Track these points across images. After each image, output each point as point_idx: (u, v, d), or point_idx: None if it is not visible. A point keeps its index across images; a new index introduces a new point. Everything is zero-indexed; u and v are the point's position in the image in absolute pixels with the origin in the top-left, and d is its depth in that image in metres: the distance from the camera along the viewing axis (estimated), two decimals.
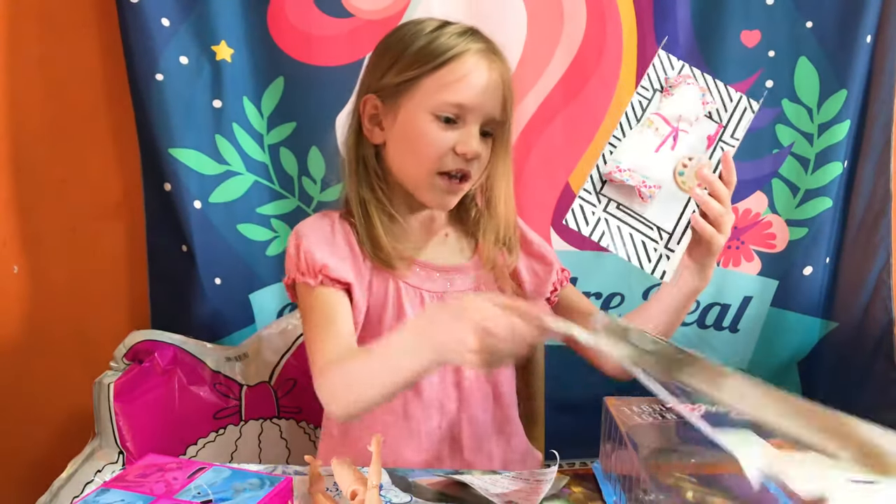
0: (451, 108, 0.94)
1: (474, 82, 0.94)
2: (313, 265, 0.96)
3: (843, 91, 1.46)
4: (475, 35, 0.97)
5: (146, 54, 1.32)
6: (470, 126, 0.95)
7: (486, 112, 0.96)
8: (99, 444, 1.23)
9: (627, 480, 0.76)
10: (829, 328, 1.58)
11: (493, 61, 0.96)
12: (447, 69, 0.94)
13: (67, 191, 1.44)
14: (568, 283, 1.15)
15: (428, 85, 0.95)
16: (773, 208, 1.54)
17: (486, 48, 0.96)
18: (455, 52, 0.94)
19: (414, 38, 0.97)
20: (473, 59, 0.94)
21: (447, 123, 0.95)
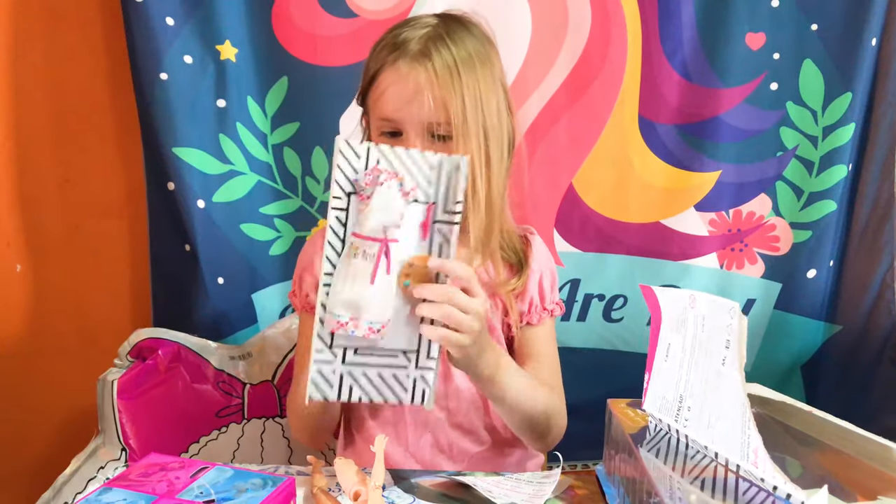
0: (382, 123, 0.94)
1: (393, 95, 0.92)
2: (302, 289, 1.04)
3: (848, 94, 1.46)
4: (401, 44, 0.93)
5: (150, 54, 1.32)
6: (411, 137, 0.92)
7: (419, 120, 0.91)
8: (102, 441, 1.23)
9: (631, 483, 0.76)
10: (832, 331, 1.57)
11: (414, 68, 0.91)
12: (374, 87, 0.95)
13: (71, 190, 1.44)
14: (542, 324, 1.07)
15: (369, 102, 0.97)
16: (777, 211, 1.54)
17: (408, 56, 0.91)
18: (374, 69, 0.94)
19: (369, 55, 0.98)
20: (389, 72, 0.93)
21: (392, 137, 0.94)
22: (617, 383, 1.23)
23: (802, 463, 0.74)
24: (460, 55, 0.92)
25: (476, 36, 0.97)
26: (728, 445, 0.68)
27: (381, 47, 0.95)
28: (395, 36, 0.94)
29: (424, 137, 0.92)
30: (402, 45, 0.93)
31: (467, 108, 0.91)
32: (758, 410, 0.69)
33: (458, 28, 0.96)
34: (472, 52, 0.94)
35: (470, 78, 0.92)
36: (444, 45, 0.92)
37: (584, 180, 1.51)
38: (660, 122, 1.49)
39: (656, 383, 0.80)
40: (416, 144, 0.91)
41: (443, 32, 0.94)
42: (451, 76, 0.91)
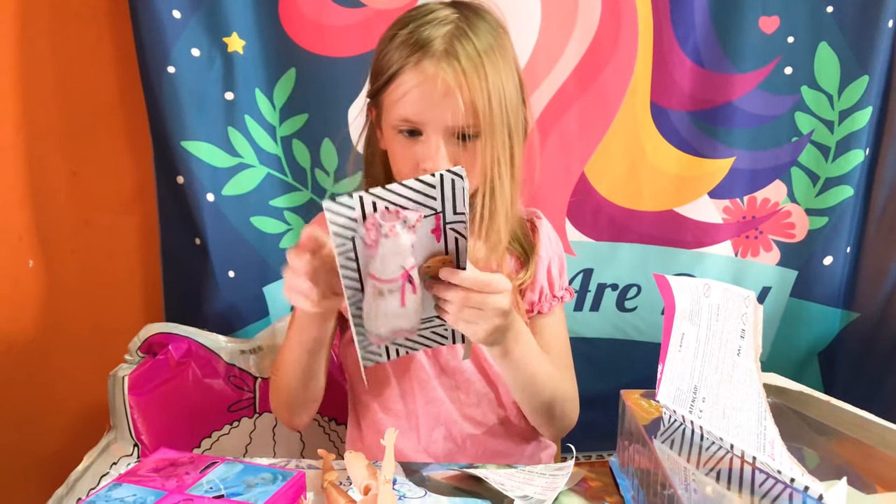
0: (402, 122, 0.92)
1: (417, 97, 0.89)
2: None
3: (865, 77, 1.43)
4: (424, 44, 0.89)
5: (158, 47, 1.31)
6: (431, 138, 0.90)
7: (442, 122, 0.90)
8: (114, 436, 1.24)
9: (645, 475, 0.75)
10: (849, 319, 1.56)
11: (441, 69, 0.88)
12: (392, 86, 0.91)
13: (80, 184, 1.44)
14: (552, 312, 1.06)
15: (385, 100, 0.94)
16: (793, 197, 1.52)
17: (433, 57, 0.89)
18: (393, 70, 0.91)
19: (378, 50, 0.96)
20: (411, 75, 0.89)
21: (411, 137, 0.92)
22: (630, 373, 1.23)
23: (820, 453, 0.73)
24: (485, 53, 0.90)
25: (493, 26, 0.94)
26: (744, 437, 0.67)
27: (398, 44, 0.91)
28: (414, 33, 0.91)
29: (447, 139, 0.91)
30: (425, 45, 0.89)
31: (494, 109, 0.90)
32: (774, 400, 0.68)
33: (477, 21, 0.93)
34: (493, 46, 0.91)
35: (494, 76, 0.90)
36: (470, 43, 0.89)
37: (595, 169, 1.50)
38: (672, 109, 1.48)
39: (670, 374, 0.79)
40: (436, 148, 0.90)
41: (465, 28, 0.91)
42: (478, 78, 0.88)
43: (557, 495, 0.78)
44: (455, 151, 0.91)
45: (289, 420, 1.06)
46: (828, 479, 0.60)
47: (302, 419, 1.05)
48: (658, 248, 1.53)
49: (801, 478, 0.61)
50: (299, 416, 1.05)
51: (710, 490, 0.65)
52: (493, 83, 0.89)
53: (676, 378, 0.78)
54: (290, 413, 1.05)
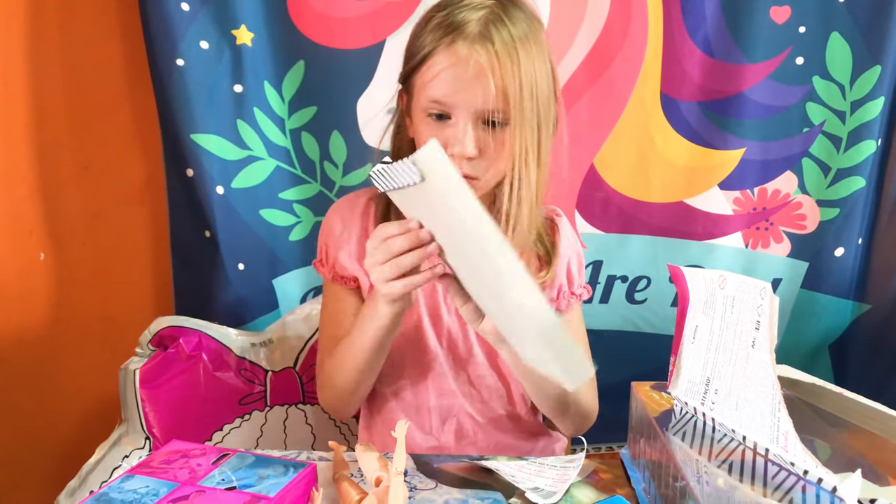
0: (432, 104, 0.90)
1: (449, 77, 0.88)
2: (328, 259, 1.03)
3: (877, 67, 1.42)
4: (459, 25, 0.88)
5: (166, 40, 1.31)
6: (460, 123, 0.89)
7: (472, 106, 0.88)
8: (126, 429, 1.24)
9: (656, 467, 0.75)
10: (861, 310, 1.55)
11: (475, 51, 0.86)
12: (424, 67, 0.90)
13: (91, 178, 1.44)
14: (570, 310, 1.07)
15: (416, 82, 0.92)
16: (804, 188, 1.51)
17: (468, 39, 0.87)
18: (426, 51, 0.90)
19: (413, 33, 0.95)
20: (444, 56, 0.88)
21: (440, 121, 0.91)
22: (640, 365, 1.23)
23: (832, 445, 0.73)
24: (519, 40, 0.88)
25: (528, 17, 0.93)
26: (757, 428, 0.67)
27: (433, 26, 0.90)
28: (450, 15, 0.90)
29: (475, 123, 0.89)
30: (459, 27, 0.88)
31: (524, 96, 0.88)
32: (786, 392, 0.68)
33: (514, 9, 0.91)
34: (528, 34, 0.90)
35: (528, 63, 0.88)
36: (505, 28, 0.88)
37: (605, 160, 1.49)
38: (682, 100, 1.47)
39: (682, 366, 0.79)
40: (465, 132, 0.89)
41: (501, 14, 0.89)
42: (511, 63, 0.87)
43: (568, 487, 0.78)
44: (483, 137, 0.90)
45: (342, 411, 1.06)
46: (840, 471, 0.60)
47: (354, 409, 1.07)
48: (668, 239, 1.53)
49: (814, 469, 0.60)
50: (354, 407, 1.06)
51: (723, 482, 0.64)
52: (525, 70, 0.88)
53: (689, 370, 0.77)
54: (346, 406, 1.05)
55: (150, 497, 0.69)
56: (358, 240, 1.02)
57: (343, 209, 1.05)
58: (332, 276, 1.03)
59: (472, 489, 0.79)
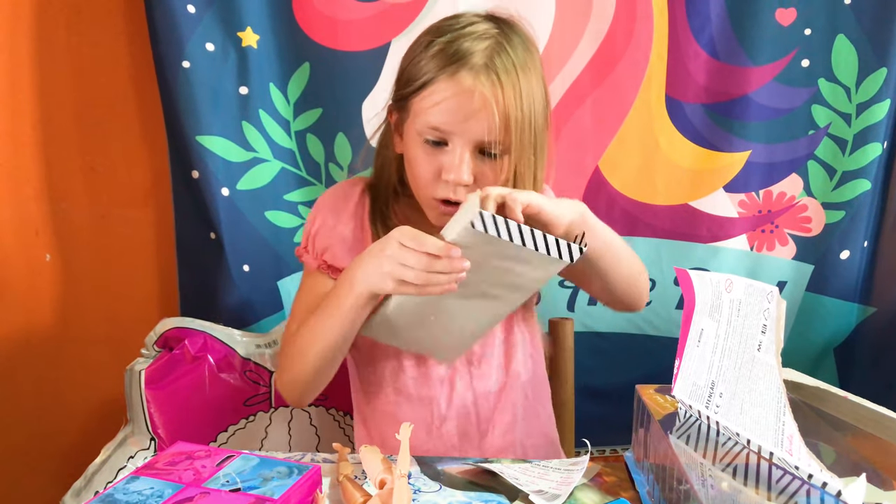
0: (430, 130, 0.91)
1: (451, 107, 0.89)
2: (315, 248, 1.03)
3: (883, 69, 1.42)
4: (463, 56, 0.89)
5: (172, 42, 1.31)
6: (457, 149, 0.90)
7: (471, 136, 0.90)
8: (131, 430, 1.24)
9: (660, 470, 0.75)
10: (866, 313, 1.55)
11: (480, 83, 0.88)
12: (426, 93, 0.91)
13: (97, 179, 1.45)
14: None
15: (413, 106, 0.93)
16: (809, 191, 1.51)
17: (472, 70, 0.88)
18: (428, 77, 0.90)
19: (410, 55, 0.95)
20: (447, 84, 0.89)
21: (436, 147, 0.92)
22: (645, 368, 1.23)
23: (837, 449, 0.73)
24: (522, 70, 0.90)
25: (526, 43, 0.94)
26: (761, 432, 0.67)
27: (435, 52, 0.91)
28: (454, 43, 0.90)
29: (472, 152, 0.91)
30: (464, 57, 0.89)
31: (525, 128, 0.90)
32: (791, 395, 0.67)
33: (514, 37, 0.92)
34: (528, 63, 0.91)
35: (528, 93, 0.90)
36: (509, 59, 0.89)
37: (610, 162, 1.49)
38: (687, 102, 1.47)
39: (687, 369, 0.78)
40: (461, 160, 0.90)
41: (504, 44, 0.90)
42: (514, 96, 0.88)
43: (572, 490, 0.78)
44: (479, 166, 0.92)
45: (299, 398, 1.03)
46: (845, 475, 0.60)
47: (311, 398, 1.04)
48: (672, 242, 1.52)
49: (819, 474, 0.60)
50: (312, 395, 1.03)
51: (727, 486, 0.64)
52: (526, 100, 0.89)
53: (693, 373, 0.77)
54: (304, 392, 1.02)
55: (155, 498, 0.69)
56: (353, 231, 1.02)
57: (338, 200, 1.05)
58: (319, 266, 1.02)
59: (475, 492, 0.79)
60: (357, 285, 0.87)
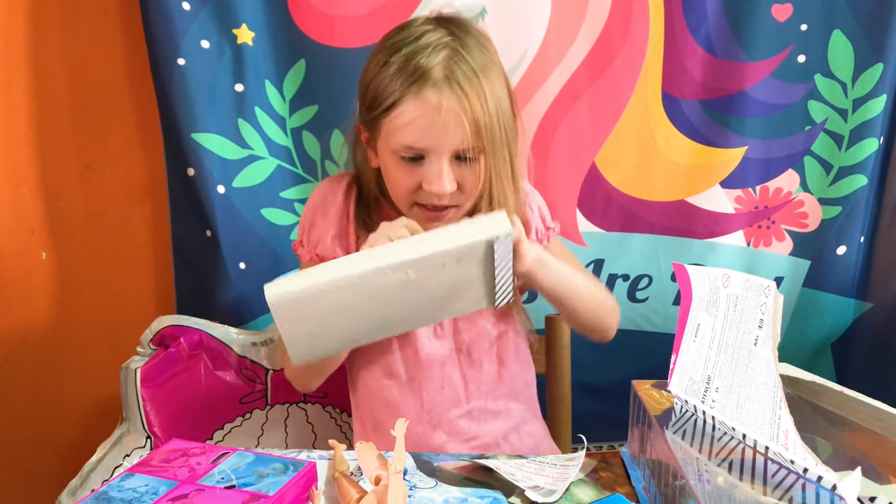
0: (405, 149, 0.93)
1: (421, 125, 0.90)
2: (308, 240, 1.05)
3: (880, 65, 1.42)
4: (423, 73, 0.90)
5: (167, 39, 1.31)
6: (434, 163, 0.92)
7: (447, 147, 0.91)
8: (127, 428, 1.24)
9: (656, 465, 0.75)
10: (863, 309, 1.55)
11: (444, 97, 0.89)
12: (393, 114, 0.92)
13: (93, 177, 1.44)
14: (550, 242, 1.12)
15: (383, 127, 0.94)
16: (806, 187, 1.51)
17: (434, 86, 0.89)
18: (392, 99, 0.91)
19: (369, 74, 0.95)
20: (413, 104, 0.90)
21: (413, 161, 0.93)
22: (642, 364, 1.23)
23: (833, 444, 0.73)
24: (481, 72, 0.91)
25: (480, 41, 0.95)
26: (757, 427, 0.67)
27: (394, 72, 0.91)
28: (411, 59, 0.90)
29: (450, 161, 0.93)
30: (424, 73, 0.89)
31: (494, 127, 0.91)
32: (787, 390, 0.67)
33: (468, 38, 0.93)
34: (486, 62, 0.92)
35: (492, 92, 0.91)
36: (467, 65, 0.90)
37: (606, 159, 1.49)
38: (684, 98, 1.46)
39: (683, 364, 0.78)
40: (440, 172, 0.92)
41: (459, 49, 0.91)
42: (479, 100, 0.90)
43: (569, 486, 0.78)
44: (458, 171, 0.94)
45: (307, 384, 1.09)
46: (841, 469, 0.60)
47: (319, 383, 1.09)
48: (669, 238, 1.52)
49: (814, 468, 0.60)
50: (319, 381, 1.08)
51: (722, 480, 0.64)
52: (491, 100, 0.91)
53: (690, 368, 0.77)
54: (312, 378, 1.08)
55: (150, 496, 0.69)
56: (338, 220, 1.04)
57: (327, 194, 1.07)
58: (311, 258, 1.04)
59: (471, 487, 0.79)
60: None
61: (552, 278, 0.98)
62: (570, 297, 1.02)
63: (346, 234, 1.04)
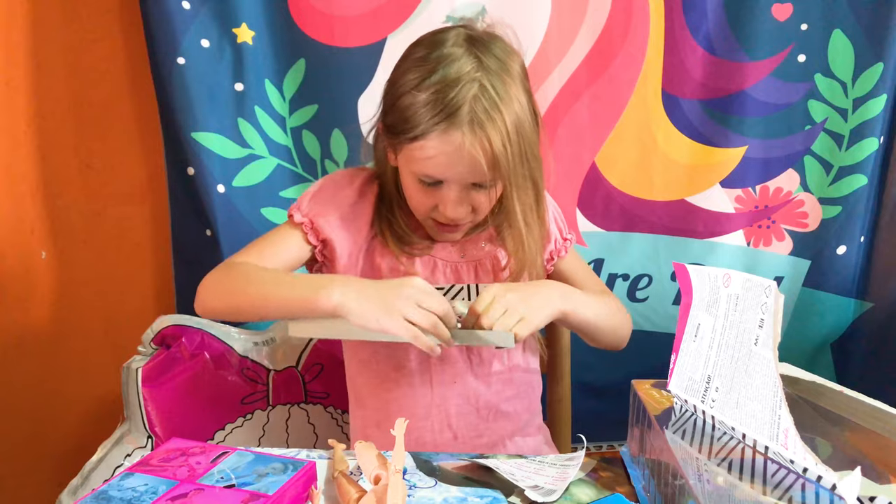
0: (424, 176, 0.95)
1: (442, 161, 0.92)
2: (310, 208, 1.03)
3: (880, 64, 1.42)
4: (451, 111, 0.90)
5: (167, 38, 1.31)
6: (452, 191, 0.95)
7: (466, 180, 0.94)
8: (128, 428, 1.24)
9: (656, 465, 0.75)
10: (863, 308, 1.55)
11: (467, 139, 0.90)
12: (417, 144, 0.92)
13: (93, 176, 1.45)
14: (568, 252, 1.15)
15: (406, 149, 0.95)
16: (806, 186, 1.51)
17: (462, 126, 0.90)
18: (417, 132, 0.91)
19: (400, 88, 0.94)
20: (438, 142, 0.91)
21: (430, 185, 0.96)
22: (642, 364, 1.23)
23: (833, 443, 0.72)
24: (505, 101, 0.91)
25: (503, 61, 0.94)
26: (757, 426, 0.67)
27: (425, 101, 0.91)
28: (441, 94, 0.90)
29: (467, 187, 0.95)
30: (453, 113, 0.90)
31: (517, 161, 0.93)
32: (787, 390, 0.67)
33: (491, 61, 0.92)
34: (509, 86, 0.92)
35: (514, 121, 0.91)
36: (492, 101, 0.90)
37: (607, 158, 1.49)
38: (684, 98, 1.46)
39: (683, 364, 0.78)
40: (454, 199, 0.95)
41: (485, 84, 0.91)
42: (503, 141, 0.90)
43: (568, 485, 0.78)
44: (475, 197, 0.97)
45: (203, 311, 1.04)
46: (841, 469, 0.60)
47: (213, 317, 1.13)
48: (669, 237, 1.52)
49: (814, 467, 0.60)
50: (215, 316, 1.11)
51: (722, 480, 0.64)
52: (513, 130, 0.91)
53: (689, 368, 0.77)
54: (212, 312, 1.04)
55: (149, 495, 0.69)
56: (353, 206, 1.04)
57: (345, 176, 1.07)
58: (303, 224, 1.02)
59: (471, 487, 0.79)
60: (335, 299, 0.88)
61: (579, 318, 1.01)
62: (591, 329, 1.05)
63: (359, 216, 1.04)
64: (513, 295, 0.92)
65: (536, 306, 0.94)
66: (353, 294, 0.88)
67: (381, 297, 0.87)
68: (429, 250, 1.05)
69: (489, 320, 0.89)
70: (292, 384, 1.32)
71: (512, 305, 0.91)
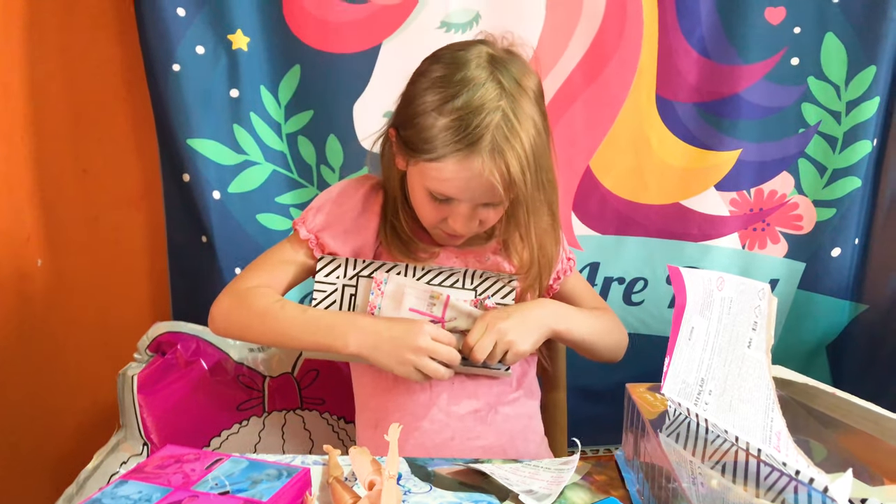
0: (438, 193, 0.96)
1: (458, 184, 0.93)
2: (314, 222, 1.04)
3: (872, 67, 1.42)
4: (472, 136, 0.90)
5: (163, 45, 1.31)
6: (463, 208, 0.96)
7: (478, 200, 0.96)
8: (124, 435, 1.24)
9: (650, 468, 0.75)
10: (858, 311, 1.55)
11: (486, 168, 0.90)
12: (433, 165, 0.93)
13: (88, 183, 1.45)
14: (573, 272, 1.17)
15: (420, 164, 0.95)
16: (800, 189, 1.51)
17: (482, 153, 0.90)
18: (437, 154, 0.92)
19: (419, 107, 0.94)
20: (457, 167, 0.91)
21: (441, 200, 0.96)
22: (637, 367, 1.23)
23: (827, 446, 0.73)
24: (521, 120, 0.91)
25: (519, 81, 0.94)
26: (750, 429, 0.67)
27: (447, 124, 0.90)
28: (462, 120, 0.90)
29: (478, 206, 0.97)
30: (475, 140, 0.90)
31: (528, 174, 0.92)
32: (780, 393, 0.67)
33: (511, 84, 0.92)
34: (525, 104, 0.92)
35: (529, 143, 0.92)
36: (512, 126, 0.91)
37: (601, 162, 1.49)
38: (678, 101, 1.47)
39: (677, 367, 0.78)
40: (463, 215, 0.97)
41: (507, 111, 0.91)
42: (517, 161, 0.91)
43: (563, 489, 0.78)
44: (484, 213, 0.98)
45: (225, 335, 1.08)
46: (834, 471, 0.60)
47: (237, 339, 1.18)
48: (664, 241, 1.53)
49: (806, 469, 0.60)
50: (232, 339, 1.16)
51: (716, 483, 0.64)
52: (529, 150, 0.92)
53: (683, 371, 0.77)
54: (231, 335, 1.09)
55: (144, 502, 0.69)
56: (353, 219, 1.05)
57: (349, 188, 1.07)
58: (308, 240, 1.03)
59: (465, 492, 0.79)
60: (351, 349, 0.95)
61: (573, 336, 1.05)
62: (586, 346, 1.09)
63: (363, 229, 1.05)
64: (504, 324, 0.96)
65: (527, 331, 0.98)
66: (369, 345, 0.94)
67: (396, 349, 0.93)
68: (433, 259, 1.05)
69: (480, 356, 0.95)
70: (288, 390, 1.31)
71: (503, 335, 0.96)
